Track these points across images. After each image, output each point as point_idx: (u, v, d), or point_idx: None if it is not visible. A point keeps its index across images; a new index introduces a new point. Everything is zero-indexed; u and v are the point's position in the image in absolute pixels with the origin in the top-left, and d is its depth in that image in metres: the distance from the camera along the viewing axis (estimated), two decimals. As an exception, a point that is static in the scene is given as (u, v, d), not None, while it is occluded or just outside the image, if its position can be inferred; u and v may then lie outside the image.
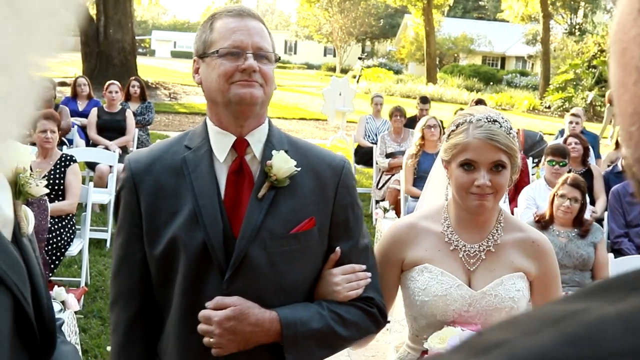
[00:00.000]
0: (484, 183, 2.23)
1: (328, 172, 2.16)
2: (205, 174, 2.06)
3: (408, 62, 54.62)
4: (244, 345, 2.00)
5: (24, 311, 1.13)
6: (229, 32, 2.03)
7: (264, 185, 2.05)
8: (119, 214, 2.17)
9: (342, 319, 2.10)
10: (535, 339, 0.51)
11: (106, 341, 5.43)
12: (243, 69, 2.00)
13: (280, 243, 2.05)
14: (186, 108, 23.72)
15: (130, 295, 2.16)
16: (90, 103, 11.04)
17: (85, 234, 6.46)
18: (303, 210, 2.09)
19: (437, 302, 2.30)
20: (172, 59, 69.56)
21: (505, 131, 2.24)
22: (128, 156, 2.22)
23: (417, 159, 8.31)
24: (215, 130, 2.11)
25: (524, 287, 2.34)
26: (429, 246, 2.40)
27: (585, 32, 41.67)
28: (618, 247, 6.63)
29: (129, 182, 2.12)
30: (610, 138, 20.64)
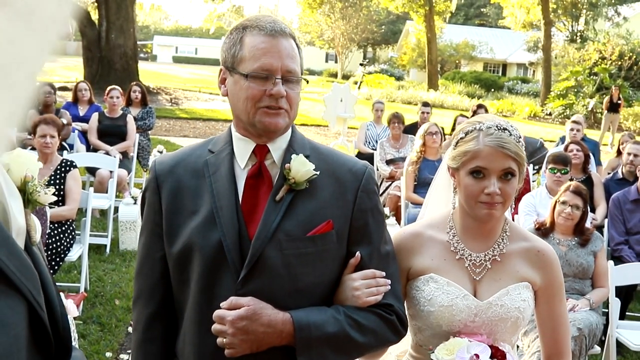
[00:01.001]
0: (494, 191, 2.22)
1: (349, 177, 2.16)
2: (224, 177, 2.09)
3: (409, 69, 54.69)
4: (257, 346, 2.00)
5: (39, 319, 1.13)
6: (260, 53, 2.02)
7: (283, 188, 2.07)
8: (143, 214, 2.22)
9: (359, 324, 2.08)
10: None
11: (105, 347, 5.43)
12: (271, 94, 2.01)
13: (296, 245, 2.04)
14: (187, 113, 23.73)
15: (151, 294, 2.19)
16: (91, 108, 11.05)
17: (85, 240, 6.45)
18: (321, 213, 2.08)
19: (443, 313, 2.29)
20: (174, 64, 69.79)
21: (515, 139, 2.24)
22: (155, 158, 2.27)
23: (418, 166, 8.31)
24: (237, 137, 2.15)
25: (530, 296, 2.33)
26: (435, 255, 2.39)
27: (586, 39, 41.66)
28: (618, 254, 6.62)
29: (153, 183, 2.17)
30: (610, 145, 20.64)
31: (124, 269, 7.27)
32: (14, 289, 1.05)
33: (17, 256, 1.10)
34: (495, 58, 56.03)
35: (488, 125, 2.26)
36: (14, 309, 1.05)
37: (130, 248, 7.89)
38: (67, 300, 4.41)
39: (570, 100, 31.91)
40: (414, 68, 53.38)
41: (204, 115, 23.65)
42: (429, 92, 37.47)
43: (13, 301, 1.05)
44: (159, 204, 2.14)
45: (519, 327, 2.34)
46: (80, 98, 11.16)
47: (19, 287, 1.06)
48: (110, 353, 5.36)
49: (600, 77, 32.46)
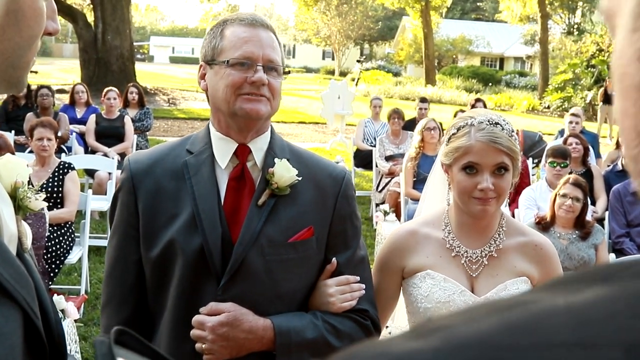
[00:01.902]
0: (486, 186, 2.20)
1: (329, 182, 2.15)
2: (206, 179, 2.05)
3: (407, 64, 54.69)
4: (236, 352, 1.98)
5: (34, 326, 1.12)
6: (240, 42, 2.00)
7: (265, 193, 2.04)
8: (115, 215, 2.14)
9: (336, 330, 2.08)
10: (475, 325, 0.50)
11: (107, 349, 5.40)
12: (252, 81, 1.98)
13: (278, 251, 2.03)
14: (185, 113, 23.72)
15: (123, 299, 2.12)
16: (89, 110, 11.05)
17: (85, 242, 6.44)
18: (302, 219, 2.07)
19: (440, 309, 2.27)
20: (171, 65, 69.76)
21: (508, 133, 2.22)
22: (128, 157, 2.19)
23: (417, 162, 8.30)
24: (217, 136, 2.10)
25: None
26: (431, 253, 2.37)
27: (583, 31, 41.67)
28: (619, 247, 6.61)
29: (128, 183, 2.09)
30: (609, 137, 20.65)
31: (124, 271, 7.26)
32: (8, 297, 1.04)
33: (11, 264, 1.08)
34: (493, 52, 56.05)
35: (480, 120, 2.24)
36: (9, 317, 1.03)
37: (131, 249, 7.88)
38: (68, 302, 4.39)
39: (568, 93, 31.91)
40: (411, 64, 53.38)
41: (201, 115, 23.62)
42: (426, 87, 37.47)
43: (8, 310, 1.04)
44: (135, 205, 2.07)
45: None
46: (78, 100, 11.14)
47: (14, 296, 1.05)
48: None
49: (598, 69, 32.46)
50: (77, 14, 25.94)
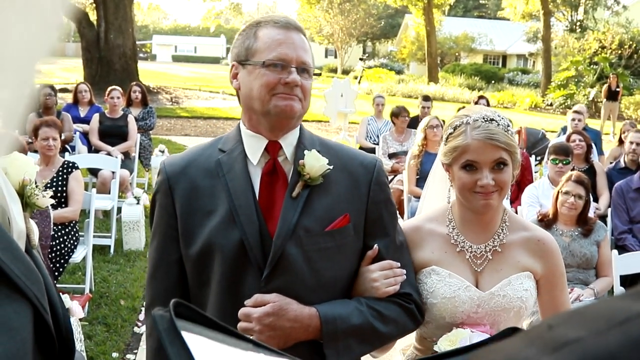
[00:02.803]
0: (487, 183, 2.23)
1: (361, 170, 2.20)
2: (240, 175, 2.10)
3: (409, 62, 54.64)
4: (284, 342, 2.02)
5: (44, 321, 1.14)
6: (275, 44, 2.06)
7: (298, 184, 2.09)
8: (154, 218, 2.20)
9: (381, 315, 2.13)
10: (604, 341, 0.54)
11: (112, 347, 5.44)
12: (286, 82, 2.04)
13: (316, 240, 2.07)
14: (188, 112, 23.74)
15: (167, 298, 2.13)
16: (92, 109, 11.05)
17: (89, 241, 6.46)
18: (337, 207, 2.12)
19: (446, 304, 2.30)
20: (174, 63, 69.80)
21: (503, 129, 2.23)
22: (163, 160, 2.25)
23: (420, 159, 8.31)
24: (248, 134, 2.15)
25: (532, 286, 2.34)
26: (436, 248, 2.39)
27: (586, 28, 41.60)
28: (622, 243, 6.61)
29: (164, 185, 2.15)
30: (612, 134, 20.62)
31: (128, 269, 7.28)
32: (19, 293, 1.06)
33: (21, 260, 1.10)
34: (495, 50, 55.94)
35: (475, 118, 2.26)
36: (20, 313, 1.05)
37: (134, 248, 7.90)
38: (73, 301, 4.41)
39: (571, 90, 31.89)
40: (413, 61, 53.32)
41: (204, 113, 23.66)
42: (429, 85, 37.46)
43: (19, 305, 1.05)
44: (173, 206, 2.13)
45: (521, 316, 2.34)
46: (81, 99, 11.16)
47: (24, 291, 1.06)
48: (116, 353, 5.37)
49: (600, 66, 32.42)
50: (79, 13, 25.94)
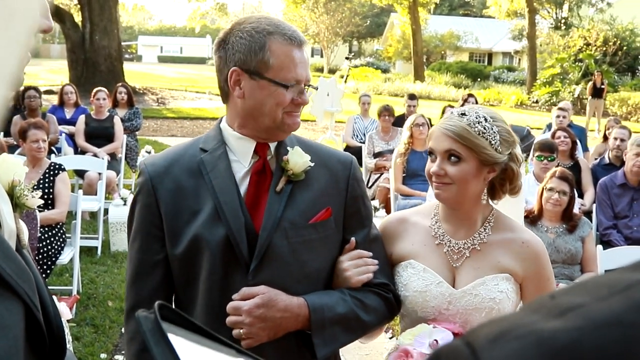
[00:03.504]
0: (434, 170, 2.27)
1: (339, 167, 2.26)
2: (223, 173, 2.13)
3: (395, 61, 54.69)
4: (274, 333, 2.05)
5: (35, 320, 1.15)
6: (292, 64, 2.08)
7: (282, 180, 2.14)
8: (135, 218, 2.19)
9: (363, 304, 2.19)
10: (607, 304, 0.57)
11: (100, 349, 5.43)
12: (300, 103, 2.11)
13: (300, 233, 2.12)
14: (174, 113, 23.68)
15: (152, 300, 2.11)
16: (78, 110, 11.01)
17: (76, 242, 6.44)
18: (319, 201, 2.17)
19: (417, 298, 2.31)
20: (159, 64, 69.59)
21: (469, 123, 2.23)
22: (143, 160, 2.25)
23: (406, 157, 8.33)
24: (235, 136, 2.18)
25: (509, 289, 2.30)
26: (416, 240, 2.41)
27: (571, 26, 41.84)
28: (607, 238, 6.66)
29: (147, 185, 2.15)
30: (597, 131, 20.73)
31: (115, 271, 7.27)
32: (11, 291, 1.07)
33: (13, 259, 1.11)
34: (481, 48, 56.09)
35: (452, 111, 2.33)
36: (12, 310, 1.06)
37: (122, 249, 7.88)
38: (60, 303, 4.40)
39: (557, 87, 32.05)
40: (399, 60, 53.38)
41: (191, 114, 23.60)
42: (415, 83, 37.51)
43: (11, 303, 1.06)
44: (157, 206, 2.13)
45: None
46: (67, 101, 11.11)
47: (16, 289, 1.07)
48: (104, 354, 5.37)
49: (585, 63, 32.60)
50: (64, 14, 25.82)
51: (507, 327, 0.60)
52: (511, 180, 2.34)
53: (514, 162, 2.33)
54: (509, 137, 2.32)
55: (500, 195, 2.39)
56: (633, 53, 37.85)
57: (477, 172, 2.27)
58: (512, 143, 2.33)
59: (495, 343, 0.59)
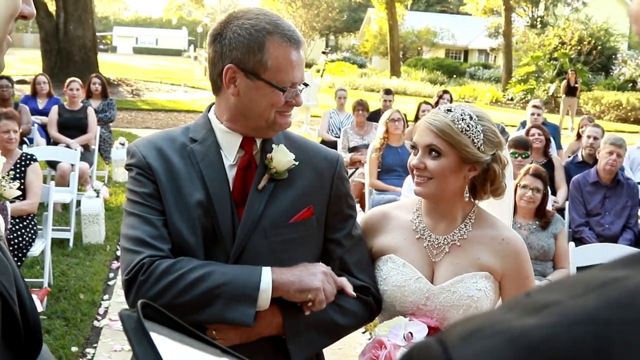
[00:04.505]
0: (414, 163, 2.28)
1: (324, 164, 2.24)
2: (214, 165, 2.10)
3: (372, 56, 54.77)
4: (246, 337, 2.03)
5: (11, 313, 1.12)
6: (289, 67, 2.05)
7: (264, 177, 2.11)
8: (133, 194, 2.09)
9: (341, 307, 2.17)
10: (581, 302, 0.57)
11: (71, 342, 5.38)
12: (294, 105, 2.11)
13: (280, 232, 2.10)
14: (149, 105, 23.54)
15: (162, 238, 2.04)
16: (51, 101, 10.89)
17: (48, 234, 6.38)
18: (301, 200, 2.15)
19: (395, 293, 2.31)
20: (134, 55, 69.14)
21: (453, 120, 2.23)
22: (133, 143, 2.20)
23: (382, 152, 8.34)
24: (222, 130, 2.15)
25: (488, 287, 2.30)
26: (397, 234, 2.41)
27: (546, 24, 42.14)
28: (579, 235, 6.72)
29: (141, 163, 2.09)
30: (570, 129, 20.91)
31: (87, 263, 7.21)
32: None
33: None
34: (457, 44, 56.33)
35: (438, 107, 2.34)
36: None
37: (94, 242, 7.82)
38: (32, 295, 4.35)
39: (531, 85, 32.27)
40: (376, 55, 53.46)
41: (166, 106, 23.48)
42: (391, 79, 37.58)
43: None
44: (154, 182, 2.07)
45: None
46: (39, 91, 10.99)
47: None
48: (76, 347, 5.32)
49: (560, 62, 32.86)
50: (38, 3, 25.52)
51: (480, 324, 0.59)
52: (492, 181, 2.33)
53: (497, 164, 2.32)
54: (494, 138, 2.31)
55: (482, 195, 2.38)
56: (607, 53, 38.23)
57: (456, 168, 2.27)
58: (497, 144, 2.32)
59: (467, 340, 0.58)
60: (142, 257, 1.98)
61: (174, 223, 2.05)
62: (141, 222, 2.04)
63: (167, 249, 2.02)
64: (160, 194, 2.06)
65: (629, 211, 6.84)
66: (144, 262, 1.96)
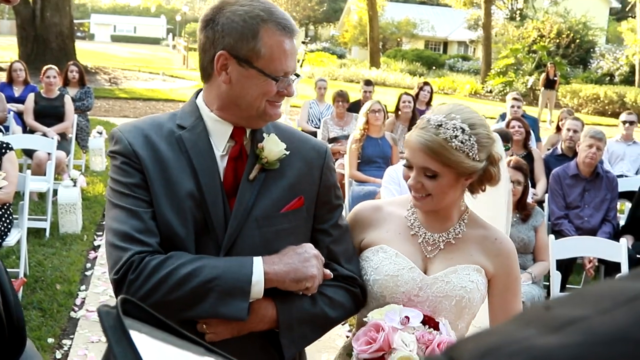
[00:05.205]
0: (411, 184, 2.26)
1: (313, 154, 2.23)
2: (205, 154, 2.06)
3: (351, 47, 54.77)
4: (237, 331, 2.01)
5: None
6: (282, 56, 2.01)
7: (255, 167, 2.09)
8: (117, 183, 2.01)
9: (331, 300, 2.17)
10: (610, 318, 0.51)
11: (47, 333, 5.32)
12: (285, 95, 2.07)
13: (272, 222, 2.08)
14: (127, 93, 23.38)
15: (150, 231, 1.97)
16: (27, 88, 10.78)
17: (24, 224, 6.30)
18: (292, 190, 2.13)
19: (388, 282, 2.29)
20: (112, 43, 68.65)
21: (446, 139, 2.17)
22: (117, 128, 2.11)
23: (362, 144, 8.32)
24: (212, 118, 2.10)
25: (480, 280, 2.30)
26: (391, 228, 2.40)
27: (525, 17, 42.31)
28: (558, 228, 6.75)
29: (127, 150, 2.01)
30: (549, 122, 21.04)
31: (64, 253, 7.13)
32: None
33: None
34: (437, 36, 56.47)
35: (428, 118, 2.23)
36: None
37: (71, 231, 7.74)
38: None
39: (510, 77, 32.45)
40: (355, 46, 53.47)
41: (144, 95, 23.33)
42: (371, 70, 37.60)
43: None
44: (141, 171, 2.00)
45: (464, 308, 2.29)
46: (15, 78, 10.87)
47: None
48: (52, 339, 5.26)
49: (539, 54, 33.08)
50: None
51: (497, 342, 0.54)
52: (489, 180, 2.32)
53: (493, 165, 2.30)
54: (488, 141, 2.27)
55: (477, 191, 2.38)
56: (585, 46, 38.53)
57: (454, 183, 2.25)
58: (491, 145, 2.29)
59: None
60: (130, 253, 1.92)
61: (164, 214, 1.99)
62: (128, 215, 1.97)
63: (155, 242, 1.96)
64: (147, 184, 2.00)
65: (608, 204, 6.88)
66: (133, 260, 1.91)
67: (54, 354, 5.11)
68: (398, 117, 10.27)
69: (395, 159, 8.21)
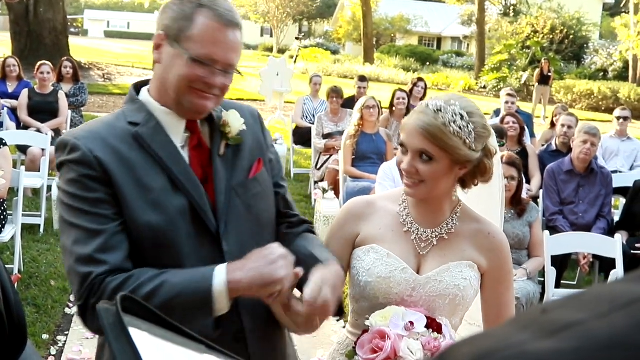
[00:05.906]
0: (405, 168, 2.22)
1: (251, 120, 2.29)
2: (167, 145, 2.04)
3: (345, 42, 54.68)
4: None
5: None
6: (209, 41, 1.98)
7: (222, 144, 2.15)
8: (75, 196, 1.93)
9: None
10: (608, 322, 0.50)
11: (42, 329, 5.32)
12: (209, 84, 2.00)
13: (247, 188, 2.16)
14: (120, 89, 23.29)
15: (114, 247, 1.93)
16: (21, 84, 10.76)
17: (18, 220, 6.29)
18: (251, 156, 2.21)
19: (380, 284, 2.28)
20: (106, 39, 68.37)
21: (444, 123, 2.16)
22: (68, 135, 2.03)
23: (356, 140, 8.33)
24: (162, 110, 2.07)
25: (473, 277, 2.30)
26: (383, 225, 2.38)
27: (519, 13, 42.30)
28: (553, 224, 6.76)
29: (87, 157, 1.92)
30: (543, 118, 21.07)
31: (58, 249, 7.11)
32: None
33: None
34: (430, 32, 56.41)
35: (427, 103, 2.23)
36: None
37: (65, 227, 7.72)
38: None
39: (504, 73, 32.45)
40: (349, 42, 53.39)
41: (138, 90, 23.24)
42: (364, 65, 37.53)
43: None
44: (105, 177, 1.93)
45: (457, 306, 2.29)
46: (9, 74, 10.84)
47: None
48: (47, 335, 5.25)
49: (532, 50, 33.10)
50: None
51: (491, 346, 0.53)
52: (483, 174, 2.30)
53: (488, 157, 2.29)
54: (484, 132, 2.25)
55: (470, 186, 2.36)
56: (579, 42, 38.56)
57: (448, 170, 2.23)
58: (487, 137, 2.27)
59: None
60: (91, 278, 1.86)
61: (143, 217, 1.95)
62: (88, 236, 1.90)
63: (119, 258, 1.91)
64: (112, 196, 1.94)
65: (602, 200, 6.89)
66: (95, 283, 1.86)
67: (48, 350, 5.10)
68: (392, 114, 10.27)
69: (389, 155, 8.21)
